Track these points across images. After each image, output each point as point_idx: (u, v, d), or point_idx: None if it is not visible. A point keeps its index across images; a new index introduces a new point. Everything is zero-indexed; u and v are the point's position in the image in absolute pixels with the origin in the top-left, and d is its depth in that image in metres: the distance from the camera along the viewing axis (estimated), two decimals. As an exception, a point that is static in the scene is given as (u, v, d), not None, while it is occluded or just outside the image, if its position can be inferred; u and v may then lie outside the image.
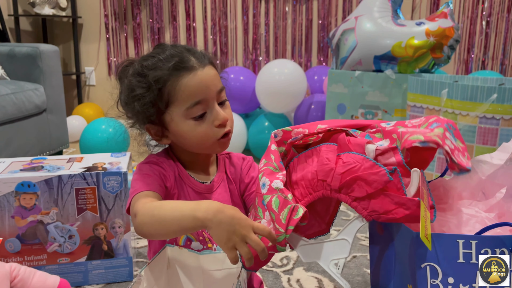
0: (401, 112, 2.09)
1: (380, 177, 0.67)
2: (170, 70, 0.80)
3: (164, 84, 0.81)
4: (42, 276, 1.23)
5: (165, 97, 0.81)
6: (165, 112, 0.83)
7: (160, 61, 0.82)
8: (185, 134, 0.83)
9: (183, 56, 0.82)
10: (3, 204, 1.30)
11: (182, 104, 0.81)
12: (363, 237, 1.71)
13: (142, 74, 0.82)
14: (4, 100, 2.05)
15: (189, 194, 0.89)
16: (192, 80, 0.81)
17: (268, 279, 1.41)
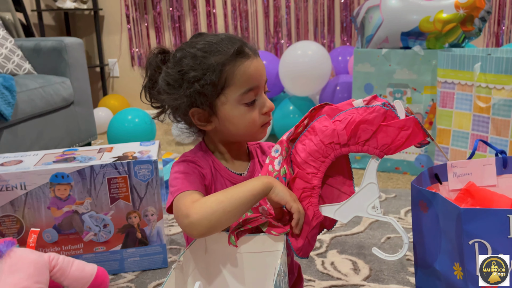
0: (430, 89, 2.04)
1: (378, 111, 0.75)
2: (233, 55, 0.82)
3: (223, 67, 0.82)
4: (80, 265, 1.25)
5: (222, 80, 0.82)
6: (219, 95, 0.83)
7: (220, 45, 0.83)
8: (234, 118, 0.85)
9: (242, 43, 0.84)
10: (39, 196, 1.32)
11: (238, 89, 0.83)
12: (395, 218, 1.68)
13: (199, 57, 0.82)
14: (33, 94, 2.08)
15: (226, 186, 0.88)
16: (250, 67, 0.83)
17: (302, 263, 1.40)
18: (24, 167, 1.32)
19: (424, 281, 0.77)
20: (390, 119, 0.75)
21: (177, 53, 0.86)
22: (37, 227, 1.33)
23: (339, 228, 1.62)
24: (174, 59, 0.86)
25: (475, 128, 1.72)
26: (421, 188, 0.73)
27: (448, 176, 0.85)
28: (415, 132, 0.74)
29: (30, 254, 1.18)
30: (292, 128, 0.83)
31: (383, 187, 1.99)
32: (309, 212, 0.80)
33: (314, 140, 0.79)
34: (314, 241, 0.83)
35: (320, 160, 0.79)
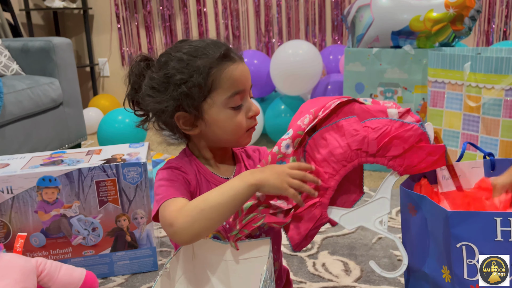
0: (421, 88, 2.04)
1: (414, 131, 0.74)
2: (218, 58, 0.82)
3: (210, 70, 0.82)
4: (68, 269, 1.24)
5: (209, 83, 0.82)
6: (206, 98, 0.83)
7: (206, 49, 0.83)
8: (221, 122, 0.84)
9: (227, 48, 0.84)
10: (26, 200, 1.30)
11: (224, 92, 0.83)
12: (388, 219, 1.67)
13: (185, 60, 0.82)
14: (20, 95, 2.06)
15: (212, 188, 0.86)
16: (236, 71, 0.83)
17: (293, 265, 1.39)
18: (11, 171, 1.30)
19: (414, 284, 0.77)
20: (424, 142, 0.75)
21: (161, 58, 0.85)
22: (24, 231, 1.31)
23: (330, 228, 1.62)
24: (159, 63, 0.85)
25: (466, 128, 1.72)
26: (410, 191, 0.73)
27: (438, 179, 0.85)
28: (440, 160, 0.75)
29: (17, 259, 1.16)
30: (309, 118, 0.79)
31: (374, 186, 1.99)
32: (317, 212, 0.79)
33: (340, 141, 0.77)
34: (312, 238, 0.83)
35: (342, 163, 0.77)
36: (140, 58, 0.89)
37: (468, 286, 0.63)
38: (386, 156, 0.76)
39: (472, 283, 0.63)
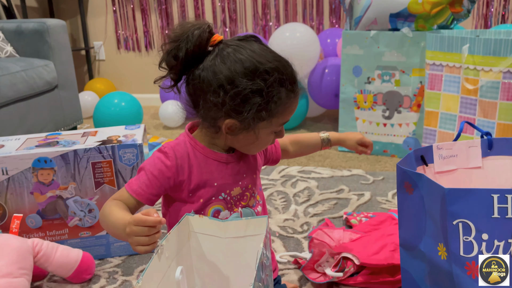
0: (419, 71, 2.03)
1: None
2: (288, 89, 0.83)
3: (285, 103, 0.84)
4: (65, 250, 1.24)
5: (277, 111, 0.84)
6: (265, 120, 0.84)
7: (286, 72, 0.83)
8: (260, 140, 0.87)
9: (295, 77, 0.85)
10: (21, 181, 1.30)
11: (281, 121, 0.86)
12: (383, 200, 1.68)
13: (270, 82, 0.81)
14: (14, 77, 2.04)
15: (213, 166, 0.89)
16: (291, 103, 0.86)
17: (289, 246, 1.40)
18: (6, 152, 1.29)
19: (409, 262, 0.77)
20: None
21: (246, 63, 0.80)
22: (20, 212, 1.31)
23: (326, 210, 1.62)
24: (244, 66, 0.80)
25: (463, 111, 1.72)
26: (406, 169, 0.73)
27: (434, 158, 0.85)
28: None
29: (13, 240, 1.16)
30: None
31: (371, 170, 2.00)
32: None
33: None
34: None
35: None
36: (209, 29, 0.82)
37: (464, 263, 0.63)
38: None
39: (468, 260, 0.63)
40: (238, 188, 0.91)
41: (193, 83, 0.83)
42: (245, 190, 0.92)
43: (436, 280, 0.70)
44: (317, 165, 2.08)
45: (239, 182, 0.91)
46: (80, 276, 1.26)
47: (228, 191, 0.89)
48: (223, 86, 0.79)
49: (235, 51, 0.81)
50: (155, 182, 0.85)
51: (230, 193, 0.90)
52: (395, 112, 2.12)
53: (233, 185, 0.90)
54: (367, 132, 2.19)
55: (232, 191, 0.90)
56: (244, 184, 0.92)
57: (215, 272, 0.79)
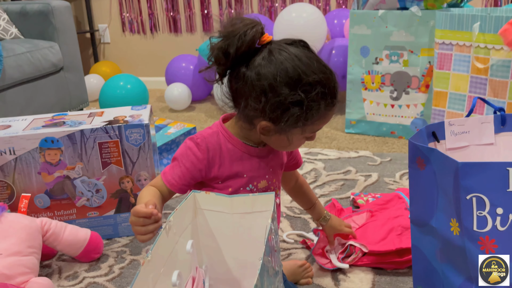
0: (428, 51, 2.00)
1: None
2: (327, 102, 0.83)
3: (322, 113, 0.84)
4: (73, 230, 1.24)
5: (314, 119, 0.84)
6: (300, 126, 0.84)
7: (323, 85, 0.82)
8: (289, 142, 0.88)
9: (337, 90, 0.85)
10: (29, 161, 1.30)
11: (314, 128, 0.86)
12: (391, 181, 1.67)
13: (313, 96, 0.81)
14: (20, 59, 2.03)
15: (244, 159, 0.91)
16: (328, 115, 0.86)
17: (296, 226, 1.40)
18: (13, 132, 1.29)
19: (420, 238, 0.76)
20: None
21: (291, 72, 0.80)
22: (28, 192, 1.31)
23: (332, 191, 1.62)
24: (288, 75, 0.79)
25: (472, 90, 1.69)
26: (419, 144, 0.71)
27: (446, 135, 0.83)
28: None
29: (22, 219, 1.16)
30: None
31: (378, 151, 1.98)
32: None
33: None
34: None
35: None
36: (262, 30, 0.82)
37: (478, 238, 0.62)
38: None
39: (481, 234, 0.62)
40: (264, 181, 0.93)
41: (237, 81, 0.84)
42: (271, 184, 0.95)
43: (447, 256, 0.70)
44: (324, 146, 2.07)
45: (266, 176, 0.93)
46: (88, 255, 1.26)
47: (255, 183, 0.92)
48: (265, 93, 0.80)
49: (282, 56, 0.81)
50: (187, 174, 0.89)
51: (257, 185, 0.92)
52: (403, 93, 2.09)
53: (261, 178, 0.93)
54: (374, 113, 2.17)
55: (259, 183, 0.92)
56: (271, 178, 0.94)
57: (223, 249, 0.79)
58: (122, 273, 1.22)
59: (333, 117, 2.48)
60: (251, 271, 0.74)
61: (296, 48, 0.83)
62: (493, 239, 0.61)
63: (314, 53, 0.85)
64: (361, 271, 1.16)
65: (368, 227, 1.25)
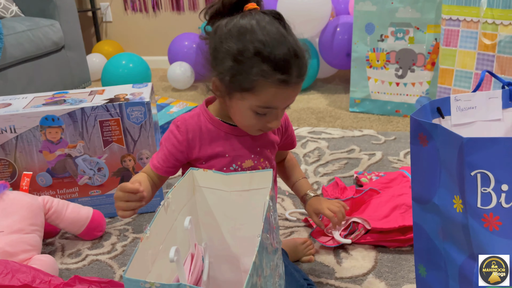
0: (434, 28, 1.96)
1: None
2: (273, 70, 0.77)
3: (262, 81, 0.78)
4: (75, 208, 1.24)
5: (252, 86, 0.79)
6: (241, 92, 0.81)
7: (268, 46, 0.77)
8: (239, 114, 0.85)
9: (292, 67, 0.78)
10: (30, 139, 1.29)
11: (258, 101, 0.80)
12: (395, 160, 1.66)
13: (253, 52, 0.77)
14: (21, 37, 2.01)
15: (225, 138, 0.90)
16: (280, 94, 0.80)
17: (299, 205, 1.39)
18: (13, 110, 1.28)
19: (421, 216, 0.75)
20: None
21: (245, 25, 0.79)
22: (30, 171, 1.31)
23: (336, 170, 1.60)
24: (240, 28, 0.78)
25: (479, 67, 1.66)
26: (421, 120, 0.70)
27: (451, 110, 0.81)
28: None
29: (24, 197, 1.16)
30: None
31: (382, 130, 1.96)
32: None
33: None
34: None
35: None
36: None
37: (481, 215, 0.61)
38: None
39: (485, 211, 0.61)
40: (250, 161, 0.91)
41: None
42: (258, 163, 0.93)
43: (450, 234, 0.69)
44: (328, 125, 2.05)
45: (251, 155, 0.91)
46: (91, 233, 1.27)
47: (239, 162, 0.90)
48: (216, 48, 0.81)
49: (245, 19, 0.80)
50: (170, 157, 0.90)
51: (241, 165, 0.90)
52: (408, 71, 2.06)
53: (245, 158, 0.91)
54: (379, 92, 2.14)
55: (244, 163, 0.91)
56: (257, 157, 0.92)
57: (222, 226, 0.79)
58: (125, 251, 1.23)
59: (337, 96, 2.48)
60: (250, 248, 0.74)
61: (264, 15, 0.80)
62: (497, 216, 0.60)
63: (283, 26, 0.80)
64: (364, 249, 1.16)
65: (371, 204, 1.24)
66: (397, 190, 1.29)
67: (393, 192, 1.28)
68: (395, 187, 1.33)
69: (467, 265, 0.65)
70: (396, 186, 1.34)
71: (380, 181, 1.40)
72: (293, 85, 0.80)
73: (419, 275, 0.79)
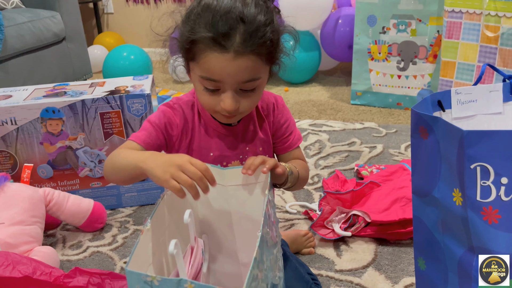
0: (436, 20, 1.94)
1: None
2: (209, 38, 0.71)
3: (195, 44, 0.73)
4: (76, 200, 1.25)
5: (192, 52, 0.75)
6: (188, 61, 0.78)
7: (211, 17, 0.72)
8: (196, 89, 0.80)
9: (230, 29, 0.71)
10: (31, 131, 1.29)
11: (199, 70, 0.75)
12: (396, 153, 1.66)
13: (195, 13, 0.74)
14: (21, 28, 2.00)
15: (213, 136, 0.85)
16: (219, 62, 0.72)
17: (299, 197, 1.39)
18: (14, 102, 1.28)
19: (421, 209, 0.75)
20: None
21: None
22: (31, 162, 1.31)
23: (337, 162, 1.60)
24: None
25: (481, 60, 1.65)
26: (422, 113, 0.69)
27: (452, 103, 0.81)
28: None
29: (25, 189, 1.17)
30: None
31: (384, 123, 1.96)
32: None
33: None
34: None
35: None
36: None
37: (481, 208, 0.61)
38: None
39: (484, 204, 0.61)
40: (237, 162, 0.86)
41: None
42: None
43: (449, 227, 0.69)
44: (329, 118, 2.05)
45: (239, 156, 0.86)
46: (92, 225, 1.27)
47: (225, 163, 0.85)
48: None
49: None
50: (154, 129, 0.82)
51: (227, 165, 0.85)
52: (410, 63, 2.05)
53: (232, 159, 0.86)
54: (380, 84, 2.13)
55: (230, 163, 0.85)
56: (245, 158, 0.86)
57: (220, 220, 0.78)
58: (126, 243, 1.23)
59: (339, 88, 2.47)
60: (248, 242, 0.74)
61: None
62: (496, 209, 0.60)
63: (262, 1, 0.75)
64: (364, 242, 1.16)
65: (372, 197, 1.24)
66: (398, 183, 1.28)
67: (393, 185, 1.28)
68: (395, 180, 1.33)
69: (466, 258, 0.65)
70: (396, 179, 1.34)
71: (380, 174, 1.40)
72: (235, 53, 0.71)
73: (418, 268, 0.79)
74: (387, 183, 1.31)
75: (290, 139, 0.92)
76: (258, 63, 0.74)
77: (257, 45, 0.72)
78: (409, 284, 1.02)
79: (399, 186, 1.26)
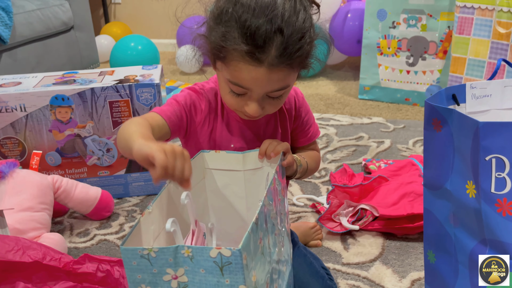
0: (447, 15, 1.93)
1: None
2: (243, 46, 0.68)
3: (227, 46, 0.70)
4: (84, 188, 1.25)
5: (222, 52, 0.72)
6: (216, 61, 0.76)
7: (249, 19, 0.68)
8: (220, 88, 0.79)
9: (269, 42, 0.68)
10: (40, 118, 1.29)
11: (228, 74, 0.73)
12: (404, 148, 1.65)
13: (228, 9, 0.71)
14: (30, 16, 2.00)
15: (234, 127, 0.85)
16: (250, 72, 0.70)
17: (307, 190, 1.39)
18: (23, 89, 1.28)
19: (433, 202, 0.75)
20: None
21: None
22: (39, 150, 1.31)
23: (344, 157, 1.60)
24: None
25: (493, 56, 1.64)
26: (436, 105, 0.69)
27: (467, 98, 0.80)
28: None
29: (34, 176, 1.17)
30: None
31: (392, 118, 1.95)
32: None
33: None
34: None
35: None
36: None
37: (495, 200, 0.61)
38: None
39: (499, 196, 0.61)
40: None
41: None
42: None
43: (461, 219, 0.68)
44: (336, 112, 2.04)
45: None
46: (99, 213, 1.27)
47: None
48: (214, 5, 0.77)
49: None
50: (179, 107, 0.81)
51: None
52: (419, 59, 2.04)
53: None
54: (389, 79, 2.12)
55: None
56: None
57: (231, 207, 0.78)
58: (133, 231, 1.23)
59: (346, 82, 2.46)
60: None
61: None
62: (511, 201, 0.60)
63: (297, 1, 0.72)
64: (371, 236, 1.16)
65: (380, 191, 1.24)
66: (406, 178, 1.28)
67: (402, 180, 1.28)
68: (404, 175, 1.33)
69: (477, 250, 0.65)
70: (405, 174, 1.33)
71: (389, 168, 1.39)
72: (268, 66, 0.69)
73: (428, 261, 0.79)
74: (396, 178, 1.31)
75: (310, 132, 0.94)
76: (290, 74, 0.74)
77: (292, 58, 0.71)
78: (416, 278, 1.01)
79: (408, 181, 1.26)
